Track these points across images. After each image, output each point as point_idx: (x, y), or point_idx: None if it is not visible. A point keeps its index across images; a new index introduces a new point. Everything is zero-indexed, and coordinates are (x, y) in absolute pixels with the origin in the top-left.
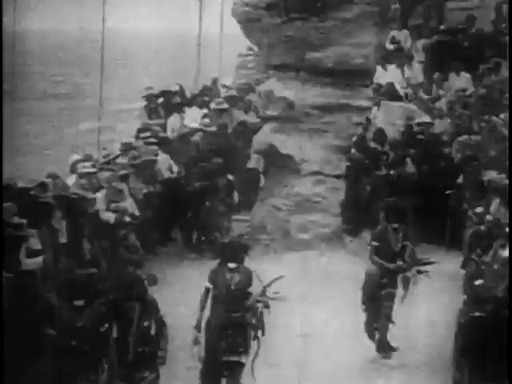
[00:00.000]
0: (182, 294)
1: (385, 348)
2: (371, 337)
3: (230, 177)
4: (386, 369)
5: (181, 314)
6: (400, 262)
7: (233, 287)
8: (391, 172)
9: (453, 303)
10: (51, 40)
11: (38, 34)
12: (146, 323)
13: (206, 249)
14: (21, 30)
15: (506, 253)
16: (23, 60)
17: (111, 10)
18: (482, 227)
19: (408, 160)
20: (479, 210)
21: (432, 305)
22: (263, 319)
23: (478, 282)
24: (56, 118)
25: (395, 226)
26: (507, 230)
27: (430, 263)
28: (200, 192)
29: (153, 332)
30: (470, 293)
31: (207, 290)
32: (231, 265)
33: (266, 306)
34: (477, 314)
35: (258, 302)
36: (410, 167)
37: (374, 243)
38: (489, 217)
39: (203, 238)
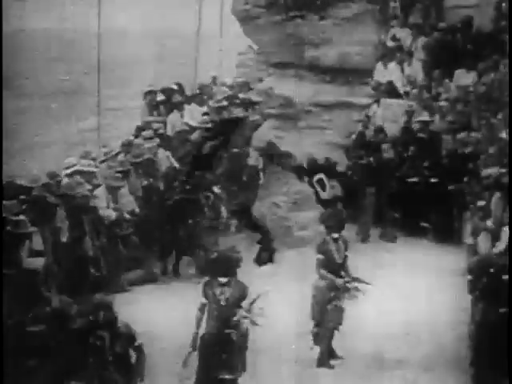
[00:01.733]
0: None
1: (325, 362)
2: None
3: (216, 189)
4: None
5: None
6: (344, 277)
7: (223, 303)
8: (371, 159)
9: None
10: (49, 38)
11: (37, 33)
12: (120, 350)
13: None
14: (18, 29)
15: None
16: (23, 58)
17: (109, 9)
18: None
19: (385, 146)
20: (481, 203)
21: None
22: (248, 336)
23: None
24: (55, 116)
25: (335, 236)
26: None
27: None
28: (181, 207)
29: (133, 361)
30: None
31: (202, 306)
32: (221, 279)
33: (253, 323)
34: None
35: (245, 318)
36: (390, 152)
37: (319, 256)
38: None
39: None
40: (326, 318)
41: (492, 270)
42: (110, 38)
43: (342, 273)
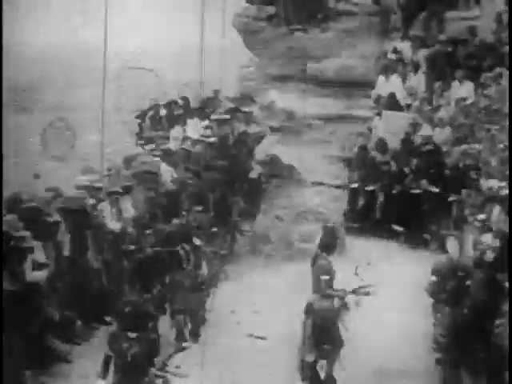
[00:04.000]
0: None
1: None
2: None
3: (197, 241)
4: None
5: None
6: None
7: (129, 358)
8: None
9: None
10: (51, 52)
11: (37, 47)
12: None
13: None
14: (20, 42)
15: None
16: (26, 72)
17: (112, 23)
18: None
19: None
20: (482, 217)
21: None
22: None
23: None
24: (58, 131)
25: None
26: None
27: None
28: (155, 262)
29: None
30: None
31: (107, 357)
32: (130, 334)
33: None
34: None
35: (158, 377)
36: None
37: (326, 277)
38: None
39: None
40: (334, 336)
41: (460, 274)
42: (113, 52)
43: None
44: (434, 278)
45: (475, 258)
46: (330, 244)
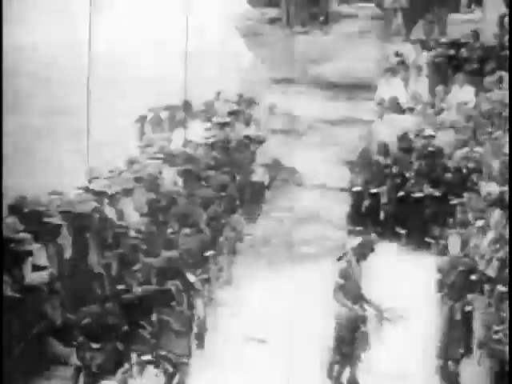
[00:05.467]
0: None
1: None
2: (330, 376)
3: (192, 278)
4: None
5: None
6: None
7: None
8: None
9: None
10: (48, 55)
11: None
12: None
13: None
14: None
15: None
16: (21, 76)
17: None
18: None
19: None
20: (481, 222)
21: None
22: None
23: None
24: (59, 134)
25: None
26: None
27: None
28: (142, 301)
29: None
30: None
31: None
32: (94, 344)
33: None
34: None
35: None
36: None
37: (340, 281)
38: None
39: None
40: (353, 345)
41: (461, 269)
42: (115, 54)
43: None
44: (438, 276)
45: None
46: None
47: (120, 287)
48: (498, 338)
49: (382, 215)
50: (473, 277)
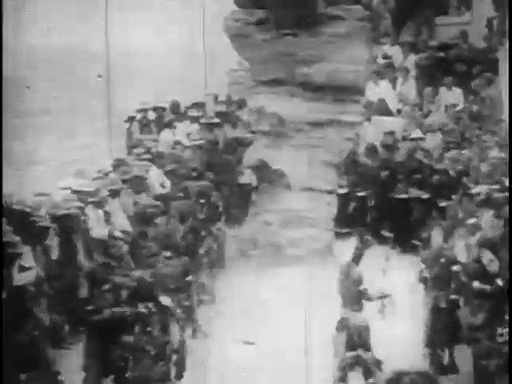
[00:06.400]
0: None
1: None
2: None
3: (167, 301)
4: None
5: None
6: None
7: None
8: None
9: None
10: (41, 55)
11: (31, 49)
12: None
13: None
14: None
15: None
16: (17, 76)
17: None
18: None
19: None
20: (472, 221)
21: None
22: None
23: None
24: (48, 134)
25: None
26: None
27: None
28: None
29: None
30: None
31: None
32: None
33: None
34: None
35: None
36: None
37: (364, 287)
38: None
39: None
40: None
41: (443, 261)
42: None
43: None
44: (423, 266)
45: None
46: (361, 255)
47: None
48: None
49: (368, 218)
50: (454, 268)
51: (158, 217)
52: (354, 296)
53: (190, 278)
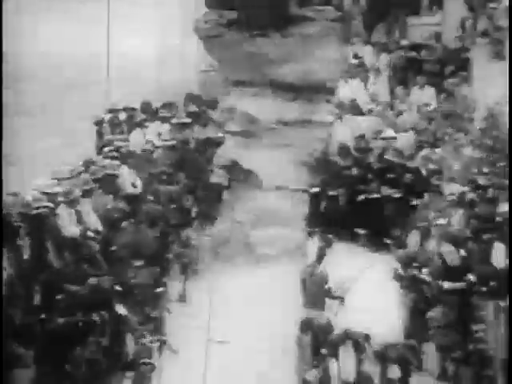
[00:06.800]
0: None
1: None
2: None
3: (121, 309)
4: None
5: None
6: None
7: None
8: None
9: None
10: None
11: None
12: None
13: None
14: None
15: None
16: None
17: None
18: None
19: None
20: (442, 221)
21: None
22: None
23: None
24: (19, 135)
25: None
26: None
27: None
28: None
29: None
30: None
31: None
32: None
33: None
34: None
35: None
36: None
37: (330, 286)
38: None
39: None
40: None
41: (416, 264)
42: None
43: None
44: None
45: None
46: (324, 254)
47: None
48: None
49: (340, 217)
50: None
51: (125, 221)
52: (318, 295)
53: (160, 289)
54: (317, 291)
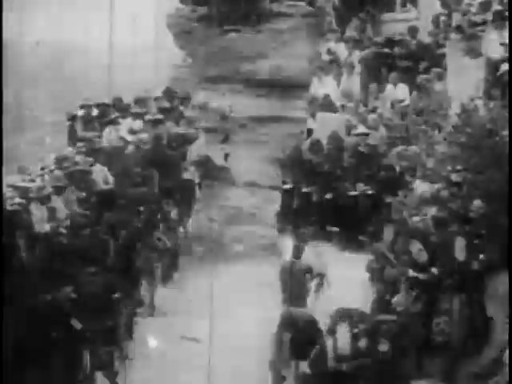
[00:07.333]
0: None
1: None
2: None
3: (77, 324)
4: None
5: None
6: None
7: None
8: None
9: None
10: None
11: None
12: None
13: None
14: None
15: None
16: None
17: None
18: None
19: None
20: (416, 219)
21: None
22: None
23: None
24: None
25: None
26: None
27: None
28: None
29: None
30: None
31: None
32: None
33: None
34: None
35: None
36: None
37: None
38: None
39: None
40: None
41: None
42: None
43: None
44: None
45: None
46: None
47: None
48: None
49: (313, 214)
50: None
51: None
52: (300, 291)
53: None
54: (298, 287)
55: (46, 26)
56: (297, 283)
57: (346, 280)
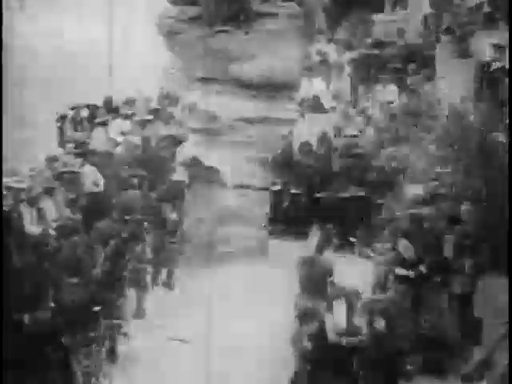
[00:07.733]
0: None
1: None
2: None
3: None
4: None
5: None
6: None
7: None
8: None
9: None
10: None
11: None
12: None
13: None
14: None
15: None
16: None
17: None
18: None
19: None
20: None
21: None
22: None
23: None
24: None
25: None
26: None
27: None
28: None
29: None
30: None
31: None
32: None
33: None
34: None
35: None
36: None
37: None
38: None
39: None
40: None
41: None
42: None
43: None
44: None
45: None
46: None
47: None
48: None
49: (303, 215)
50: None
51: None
52: (320, 287)
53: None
54: (318, 282)
55: (46, 27)
56: (318, 277)
57: None
